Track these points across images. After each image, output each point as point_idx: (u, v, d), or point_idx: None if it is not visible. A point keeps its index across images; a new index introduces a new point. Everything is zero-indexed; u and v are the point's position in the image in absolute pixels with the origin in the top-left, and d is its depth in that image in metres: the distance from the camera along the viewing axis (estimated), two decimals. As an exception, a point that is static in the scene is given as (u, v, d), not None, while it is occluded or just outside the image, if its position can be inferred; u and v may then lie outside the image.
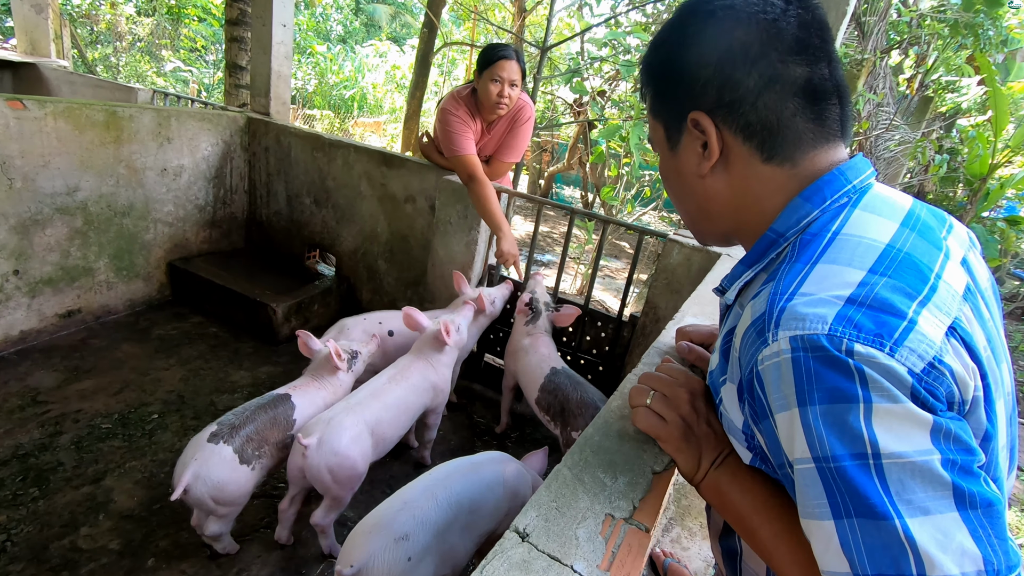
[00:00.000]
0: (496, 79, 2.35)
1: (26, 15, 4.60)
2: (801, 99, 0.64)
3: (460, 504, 1.38)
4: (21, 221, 2.43)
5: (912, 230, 0.61)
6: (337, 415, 1.67)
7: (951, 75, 5.41)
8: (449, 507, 1.36)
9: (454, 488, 1.40)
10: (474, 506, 1.41)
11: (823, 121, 0.66)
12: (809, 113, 0.65)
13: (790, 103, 0.64)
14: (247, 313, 2.95)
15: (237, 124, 3.24)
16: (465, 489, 1.41)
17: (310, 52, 12.84)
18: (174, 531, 1.80)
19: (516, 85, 2.39)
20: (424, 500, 1.35)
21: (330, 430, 1.62)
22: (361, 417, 1.71)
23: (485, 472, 1.49)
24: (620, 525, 0.61)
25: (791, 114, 0.64)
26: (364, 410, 1.73)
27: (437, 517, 1.33)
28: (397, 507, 1.34)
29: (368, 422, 1.72)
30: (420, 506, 1.34)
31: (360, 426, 1.69)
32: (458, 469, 1.48)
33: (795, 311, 0.55)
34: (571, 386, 2.06)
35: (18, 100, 2.32)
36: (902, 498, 0.48)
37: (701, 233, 0.81)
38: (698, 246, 2.19)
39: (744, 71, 0.64)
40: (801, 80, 0.64)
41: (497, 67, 2.34)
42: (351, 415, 1.69)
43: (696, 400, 0.76)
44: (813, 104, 0.65)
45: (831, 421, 0.51)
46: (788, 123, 0.65)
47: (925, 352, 0.50)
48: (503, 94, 2.37)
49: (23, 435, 2.08)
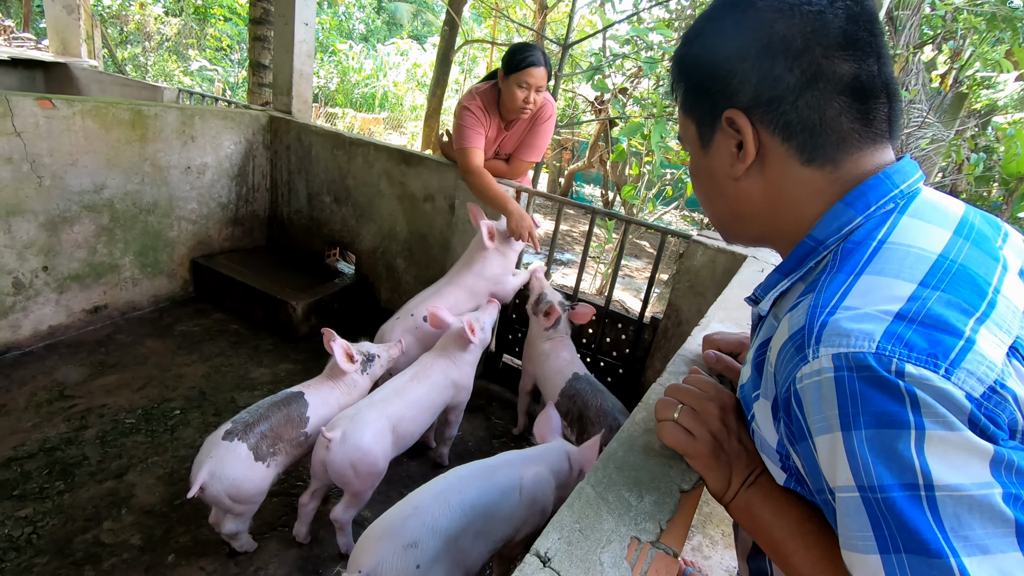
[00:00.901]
0: (523, 85, 2.32)
1: (57, 16, 4.70)
2: (847, 97, 0.60)
3: (474, 510, 1.34)
4: (50, 218, 2.47)
5: (966, 239, 0.56)
6: (361, 411, 1.69)
7: (987, 70, 5.22)
8: (462, 513, 1.33)
9: (468, 494, 1.36)
10: (489, 512, 1.37)
11: (870, 121, 0.61)
12: (855, 112, 0.60)
13: (835, 102, 0.60)
14: (267, 310, 2.97)
15: (259, 122, 3.26)
16: (480, 495, 1.37)
17: (332, 50, 12.96)
18: (194, 527, 1.81)
19: (542, 90, 2.37)
20: (436, 506, 1.32)
21: (353, 425, 1.63)
22: (384, 413, 1.72)
23: (501, 477, 1.45)
24: (647, 549, 0.58)
25: (836, 113, 0.60)
26: (387, 407, 1.75)
27: (449, 524, 1.29)
28: (407, 513, 1.31)
29: (391, 418, 1.73)
30: (431, 512, 1.31)
31: (383, 422, 1.70)
32: (473, 473, 1.45)
33: (838, 326, 0.51)
34: (591, 393, 2.02)
35: (47, 99, 2.36)
36: (958, 534, 0.44)
37: (730, 234, 0.77)
38: (723, 247, 2.14)
39: (785, 67, 0.60)
40: (848, 77, 0.59)
41: (525, 73, 2.29)
42: (374, 411, 1.71)
43: (727, 415, 0.73)
44: (860, 103, 0.60)
45: (879, 448, 0.47)
46: (832, 123, 0.60)
47: (985, 375, 0.46)
48: (529, 100, 2.35)
49: (50, 429, 2.12)
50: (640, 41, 4.94)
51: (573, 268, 6.38)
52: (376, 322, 3.16)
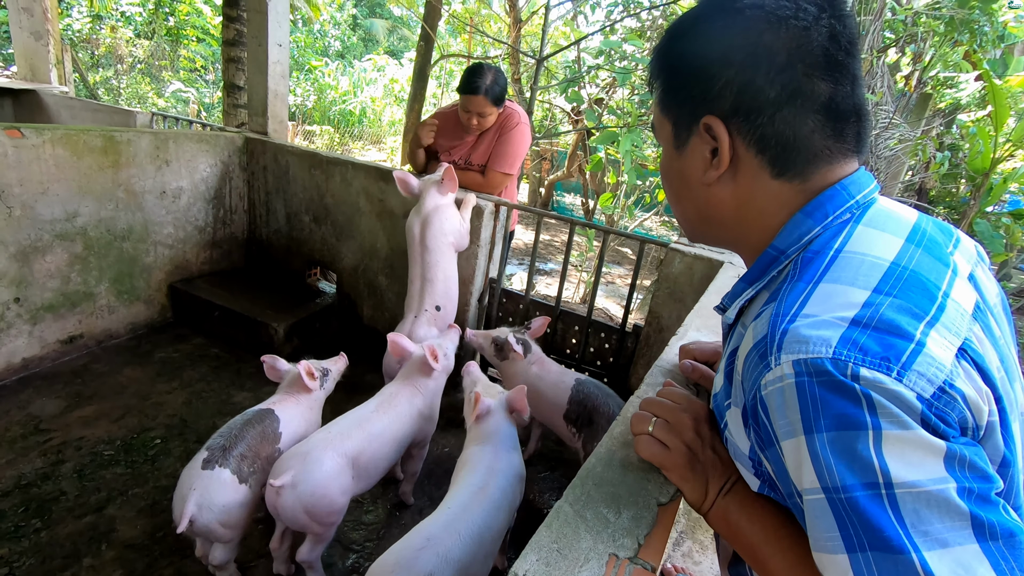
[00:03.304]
0: (466, 109, 2.49)
1: (25, 42, 4.63)
2: (821, 116, 0.61)
3: (482, 536, 1.35)
4: (21, 249, 2.42)
5: (918, 246, 0.59)
6: (313, 449, 1.60)
7: (949, 71, 5.39)
8: (472, 541, 1.33)
9: (475, 520, 1.36)
10: (495, 535, 1.40)
11: (841, 139, 0.63)
12: (828, 131, 0.62)
13: (810, 119, 0.61)
14: (248, 333, 2.93)
15: (235, 144, 3.25)
16: (486, 520, 1.38)
17: (308, 68, 12.94)
18: (178, 559, 1.78)
19: (485, 116, 2.50)
20: (448, 537, 1.31)
21: (305, 467, 1.55)
22: (340, 450, 1.63)
23: (499, 497, 1.47)
24: (624, 566, 0.58)
25: (809, 131, 0.62)
26: (345, 441, 1.66)
27: (461, 553, 1.29)
28: (419, 545, 1.29)
29: (348, 453, 1.64)
30: (444, 544, 1.29)
31: (337, 460, 1.61)
32: (472, 498, 1.44)
33: (798, 334, 0.53)
34: (600, 396, 2.03)
35: (16, 128, 2.33)
36: (918, 530, 0.46)
37: (696, 234, 0.77)
38: (700, 254, 2.17)
39: (767, 80, 0.61)
40: (824, 97, 0.61)
41: (465, 99, 2.48)
42: (328, 448, 1.61)
43: (700, 425, 0.74)
44: (833, 122, 0.62)
45: (839, 449, 0.49)
46: (805, 140, 0.62)
47: (935, 376, 0.48)
48: (471, 123, 2.53)
49: (25, 465, 2.06)
50: (614, 52, 5.01)
51: (555, 277, 6.40)
52: (359, 340, 3.16)
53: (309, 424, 1.88)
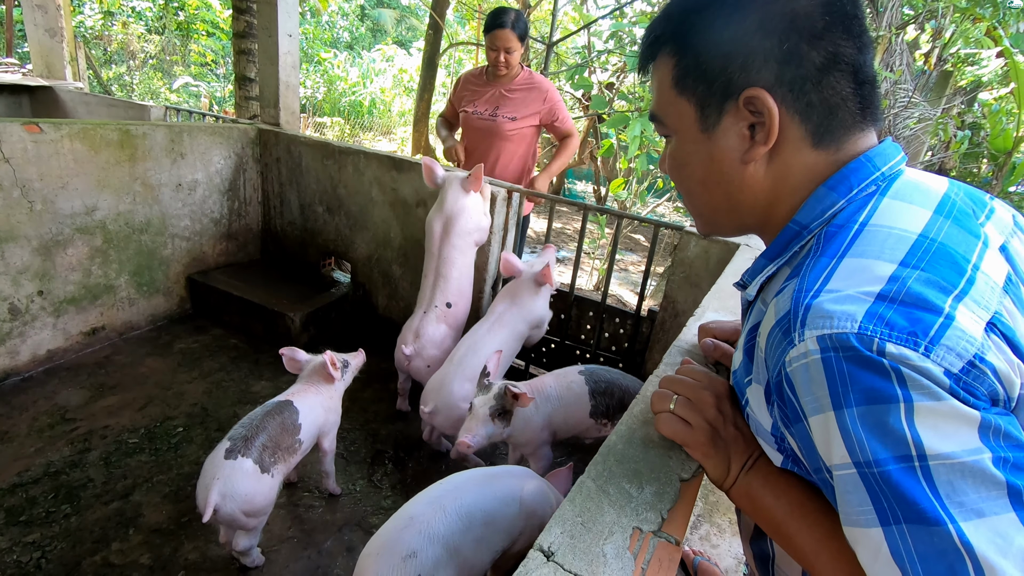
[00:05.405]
0: (492, 47, 2.63)
1: (40, 39, 4.68)
2: (853, 82, 0.61)
3: (472, 516, 1.31)
4: (43, 243, 2.47)
5: (947, 217, 0.57)
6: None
7: (970, 48, 5.25)
8: (459, 518, 1.29)
9: (465, 499, 1.33)
10: (488, 519, 1.34)
11: (867, 106, 0.63)
12: (858, 98, 0.62)
13: (848, 84, 0.61)
14: (266, 323, 2.97)
15: (248, 136, 3.26)
16: (477, 501, 1.34)
17: (317, 60, 12.94)
18: (203, 544, 1.82)
19: (512, 51, 2.63)
20: (431, 513, 1.28)
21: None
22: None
23: (501, 486, 1.42)
24: (649, 539, 0.58)
25: (844, 97, 0.61)
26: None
27: (446, 529, 1.26)
28: (402, 524, 1.27)
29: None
30: (427, 520, 1.27)
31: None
32: (471, 479, 1.42)
33: (822, 309, 0.52)
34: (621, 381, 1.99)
35: (35, 124, 2.36)
36: (953, 501, 0.45)
37: (718, 226, 0.75)
38: (716, 237, 2.15)
39: (811, 45, 0.60)
40: (855, 62, 0.61)
41: (491, 36, 2.61)
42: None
43: (721, 402, 0.73)
44: (859, 87, 0.62)
45: (870, 423, 0.48)
46: (843, 106, 0.62)
47: (964, 350, 0.47)
48: (498, 61, 2.67)
49: (54, 453, 2.12)
50: (625, 36, 4.95)
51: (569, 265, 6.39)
52: (374, 329, 3.19)
53: (329, 415, 1.90)
